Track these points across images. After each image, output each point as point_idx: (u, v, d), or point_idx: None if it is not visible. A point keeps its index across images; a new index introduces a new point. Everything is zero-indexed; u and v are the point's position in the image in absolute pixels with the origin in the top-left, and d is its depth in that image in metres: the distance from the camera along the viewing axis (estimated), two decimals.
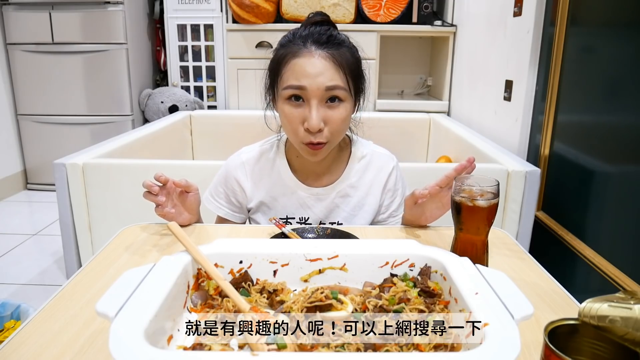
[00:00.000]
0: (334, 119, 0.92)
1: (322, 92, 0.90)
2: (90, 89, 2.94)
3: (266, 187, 1.06)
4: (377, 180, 1.08)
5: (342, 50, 0.93)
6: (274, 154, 1.07)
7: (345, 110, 0.93)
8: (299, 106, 0.92)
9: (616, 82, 1.26)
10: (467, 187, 0.75)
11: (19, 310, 1.42)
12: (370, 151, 1.09)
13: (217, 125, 2.67)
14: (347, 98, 0.93)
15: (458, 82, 2.66)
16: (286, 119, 0.94)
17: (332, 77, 0.90)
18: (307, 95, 0.90)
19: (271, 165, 1.06)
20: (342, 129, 0.95)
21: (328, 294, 0.60)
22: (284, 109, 0.94)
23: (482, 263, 0.75)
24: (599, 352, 0.48)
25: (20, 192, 3.10)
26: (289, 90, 0.91)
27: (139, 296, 0.54)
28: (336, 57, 0.91)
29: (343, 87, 0.91)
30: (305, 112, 0.91)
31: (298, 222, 1.04)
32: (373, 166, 1.08)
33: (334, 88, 0.90)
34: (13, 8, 2.84)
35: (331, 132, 0.93)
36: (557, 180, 1.55)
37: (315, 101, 0.90)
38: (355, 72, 0.95)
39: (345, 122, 0.95)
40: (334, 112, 0.92)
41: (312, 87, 0.89)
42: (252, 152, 1.08)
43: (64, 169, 1.51)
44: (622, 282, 1.17)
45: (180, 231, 0.72)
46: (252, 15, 2.71)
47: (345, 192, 1.05)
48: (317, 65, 0.90)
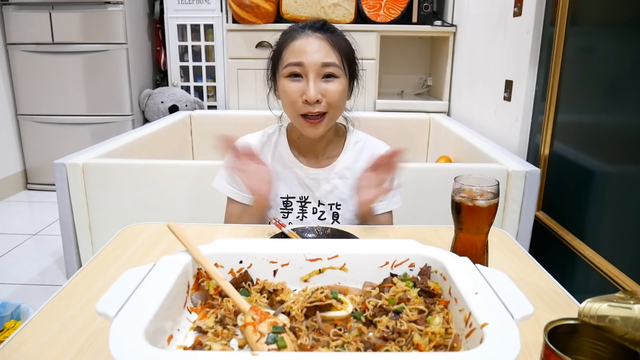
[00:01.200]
0: (331, 91, 1.00)
1: (319, 67, 0.98)
2: (90, 89, 2.94)
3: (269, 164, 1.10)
4: (370, 162, 1.09)
5: (337, 35, 1.03)
6: (277, 137, 1.14)
7: (341, 85, 1.01)
8: (298, 82, 1.00)
9: (616, 82, 1.26)
10: (467, 187, 0.75)
11: (19, 310, 1.42)
12: (364, 137, 1.16)
13: (217, 125, 2.67)
14: (342, 75, 1.01)
15: (458, 82, 2.66)
16: (286, 94, 1.01)
17: (328, 55, 0.99)
18: (305, 71, 0.99)
19: (274, 146, 1.13)
20: (339, 102, 1.02)
21: (328, 294, 0.60)
22: (284, 85, 1.01)
23: (482, 263, 0.75)
24: (598, 352, 0.48)
25: (20, 192, 3.10)
26: (289, 67, 1.00)
27: (139, 296, 0.54)
28: (331, 38, 1.01)
29: (337, 64, 1.00)
30: (304, 86, 0.99)
31: (298, 200, 1.10)
32: (367, 150, 1.14)
33: (329, 65, 0.99)
34: (13, 8, 2.84)
35: (329, 103, 1.00)
36: (557, 180, 1.55)
37: (313, 75, 0.98)
38: (348, 55, 1.04)
39: (341, 96, 1.02)
40: (330, 85, 1.00)
41: (310, 63, 0.98)
42: (256, 136, 1.14)
43: (64, 169, 1.51)
44: (622, 282, 1.17)
45: (181, 231, 0.72)
46: (252, 15, 2.71)
47: (342, 174, 1.11)
48: (314, 44, 0.99)
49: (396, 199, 1.14)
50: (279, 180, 1.10)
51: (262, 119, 1.06)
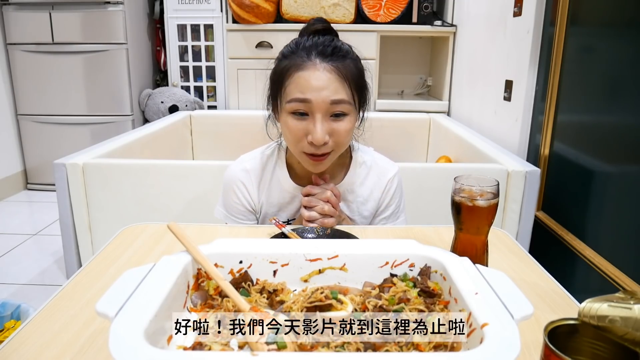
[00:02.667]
0: (339, 131, 0.91)
1: (327, 105, 0.89)
2: (90, 89, 2.94)
3: (268, 196, 1.05)
4: (377, 186, 1.07)
5: (347, 62, 0.92)
6: (275, 162, 1.06)
7: (350, 123, 0.93)
8: (303, 119, 0.90)
9: (616, 82, 1.26)
10: (467, 187, 0.75)
11: (19, 310, 1.42)
12: (371, 158, 1.08)
13: (217, 125, 2.67)
14: (352, 111, 0.92)
15: (458, 82, 2.66)
16: (289, 132, 0.93)
17: (337, 91, 0.89)
18: (311, 109, 0.89)
19: (271, 174, 1.05)
20: (346, 141, 0.95)
21: (328, 294, 0.60)
22: (287, 122, 0.92)
23: (482, 263, 0.75)
24: (598, 352, 0.48)
25: (20, 192, 3.10)
26: (294, 103, 0.90)
27: (139, 296, 0.54)
28: (341, 70, 0.90)
29: (348, 100, 0.90)
30: (310, 125, 0.90)
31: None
32: (374, 172, 1.07)
33: (339, 102, 0.89)
34: (13, 8, 2.84)
35: (336, 143, 0.92)
36: (557, 180, 1.55)
37: (320, 115, 0.89)
38: (359, 84, 0.94)
39: (349, 134, 0.94)
40: (339, 124, 0.91)
41: (317, 101, 0.88)
42: (254, 159, 1.07)
43: (64, 169, 1.51)
44: (622, 282, 1.17)
45: (180, 231, 0.72)
46: (252, 15, 2.71)
47: (344, 197, 1.05)
48: (322, 79, 0.89)
49: (401, 220, 1.11)
50: (279, 210, 1.05)
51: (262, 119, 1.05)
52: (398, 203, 1.10)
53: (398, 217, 1.10)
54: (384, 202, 1.08)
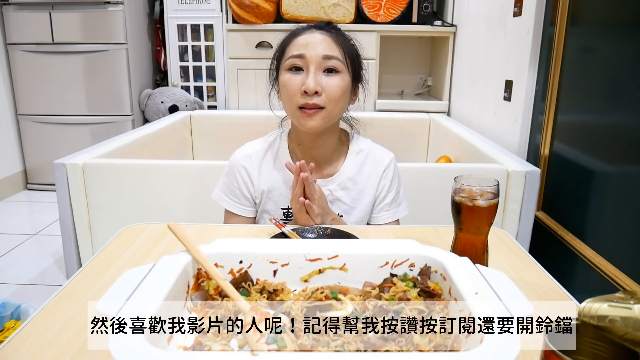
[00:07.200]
0: (331, 85, 0.98)
1: (320, 59, 0.97)
2: (90, 89, 2.94)
3: (270, 176, 1.09)
4: (374, 173, 1.10)
5: (340, 34, 1.03)
6: (278, 145, 1.11)
7: (342, 81, 0.99)
8: (299, 74, 0.98)
9: (616, 82, 1.26)
10: (467, 187, 0.75)
11: (19, 310, 1.42)
12: (367, 146, 1.13)
13: (217, 125, 2.67)
14: (344, 71, 1.00)
15: (458, 82, 2.66)
16: (285, 87, 1.00)
17: (330, 48, 0.98)
18: (306, 63, 0.98)
19: (275, 155, 1.10)
20: (338, 98, 0.99)
21: (328, 294, 0.60)
22: (284, 79, 1.00)
23: (482, 263, 0.75)
24: (599, 352, 0.48)
25: (20, 192, 3.10)
26: (290, 60, 0.99)
27: (139, 296, 0.54)
28: (334, 35, 1.01)
29: (340, 59, 0.99)
30: (304, 78, 0.98)
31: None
32: (370, 160, 1.11)
33: (330, 57, 0.98)
34: (13, 8, 2.84)
35: (328, 97, 0.98)
36: (557, 180, 1.55)
37: (313, 67, 0.97)
38: (352, 54, 1.02)
39: (342, 92, 1.00)
40: (331, 79, 0.98)
41: (311, 55, 0.97)
42: (257, 145, 1.12)
43: (64, 169, 1.51)
44: (622, 282, 1.16)
45: (181, 231, 0.72)
46: (252, 15, 2.71)
47: (344, 185, 1.08)
48: (316, 37, 0.99)
49: (403, 207, 1.13)
50: (279, 190, 1.07)
51: (262, 119, 1.06)
52: (397, 189, 1.12)
53: (399, 205, 1.12)
54: (384, 188, 1.11)
